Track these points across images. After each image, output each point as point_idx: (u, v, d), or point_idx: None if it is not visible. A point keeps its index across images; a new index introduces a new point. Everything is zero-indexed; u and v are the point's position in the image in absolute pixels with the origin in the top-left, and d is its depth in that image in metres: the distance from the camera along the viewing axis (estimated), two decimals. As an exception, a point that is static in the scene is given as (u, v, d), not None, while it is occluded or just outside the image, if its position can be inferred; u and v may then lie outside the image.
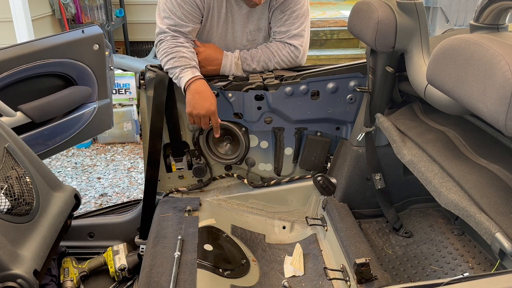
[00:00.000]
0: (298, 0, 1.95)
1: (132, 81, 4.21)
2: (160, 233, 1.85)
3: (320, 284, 1.74)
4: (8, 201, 1.60)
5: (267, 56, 2.00)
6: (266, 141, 2.14)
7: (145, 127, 2.08)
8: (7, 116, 2.03)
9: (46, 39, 2.19)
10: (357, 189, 2.05)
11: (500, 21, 1.29)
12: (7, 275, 1.46)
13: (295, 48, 1.99)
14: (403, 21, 1.66)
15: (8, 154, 1.71)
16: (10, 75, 2.04)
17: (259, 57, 2.00)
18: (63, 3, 4.44)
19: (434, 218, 2.02)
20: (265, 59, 2.00)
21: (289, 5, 1.95)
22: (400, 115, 1.83)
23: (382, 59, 1.80)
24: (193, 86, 1.87)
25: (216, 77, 2.01)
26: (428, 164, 1.49)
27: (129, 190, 3.58)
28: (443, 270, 1.73)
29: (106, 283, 2.05)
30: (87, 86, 2.37)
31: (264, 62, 2.00)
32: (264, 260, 1.96)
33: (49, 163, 3.94)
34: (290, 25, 1.98)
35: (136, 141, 4.35)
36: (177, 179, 2.23)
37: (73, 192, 2.00)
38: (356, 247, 1.74)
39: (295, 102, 2.02)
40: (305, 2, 1.99)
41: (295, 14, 1.96)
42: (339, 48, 5.94)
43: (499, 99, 1.00)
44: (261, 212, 2.20)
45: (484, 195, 1.26)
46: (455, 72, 1.17)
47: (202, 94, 1.87)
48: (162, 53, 1.94)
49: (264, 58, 2.00)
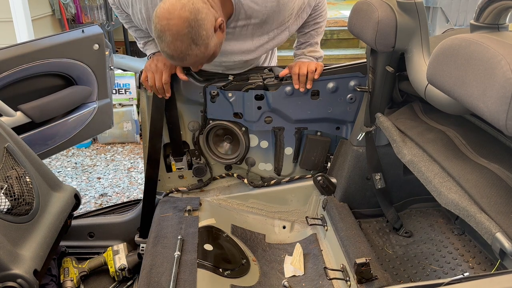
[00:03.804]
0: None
1: (132, 81, 4.21)
2: (160, 233, 1.85)
3: (320, 284, 1.74)
4: (8, 201, 1.60)
5: (316, 31, 1.99)
6: (266, 141, 2.14)
7: (145, 127, 2.08)
8: (7, 116, 2.03)
9: (46, 39, 2.19)
10: (357, 189, 2.05)
11: (501, 21, 1.29)
12: (7, 275, 1.46)
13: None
14: (403, 20, 1.66)
15: (8, 154, 1.71)
16: (10, 75, 2.04)
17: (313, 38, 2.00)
18: (63, 3, 4.44)
19: (434, 218, 2.02)
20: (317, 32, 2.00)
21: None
22: (400, 115, 1.83)
23: (382, 58, 1.80)
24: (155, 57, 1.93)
25: (215, 77, 2.01)
26: (428, 163, 1.49)
27: (129, 190, 3.58)
28: (443, 270, 1.73)
29: (106, 283, 2.05)
30: (87, 86, 2.37)
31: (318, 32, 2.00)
32: (264, 260, 1.96)
33: (49, 163, 3.94)
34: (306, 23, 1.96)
35: (136, 141, 4.35)
36: (177, 179, 2.23)
37: (73, 192, 2.00)
38: (356, 247, 1.74)
39: (295, 101, 2.02)
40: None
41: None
42: (339, 48, 5.95)
43: (499, 98, 1.00)
44: (261, 212, 2.20)
45: (484, 194, 1.26)
46: (455, 71, 1.17)
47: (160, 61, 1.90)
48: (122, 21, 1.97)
49: (314, 33, 1.99)
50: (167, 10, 1.47)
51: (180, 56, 1.54)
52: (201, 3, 1.50)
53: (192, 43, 1.50)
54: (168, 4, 1.48)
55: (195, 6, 1.47)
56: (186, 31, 1.47)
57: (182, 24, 1.46)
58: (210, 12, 1.52)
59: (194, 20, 1.47)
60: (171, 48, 1.51)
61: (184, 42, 1.49)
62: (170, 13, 1.46)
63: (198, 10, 1.48)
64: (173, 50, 1.52)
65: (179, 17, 1.46)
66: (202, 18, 1.48)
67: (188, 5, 1.47)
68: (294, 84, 1.96)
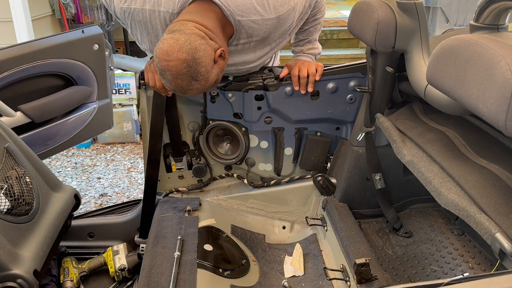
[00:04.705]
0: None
1: (132, 81, 4.21)
2: (160, 233, 1.85)
3: (320, 284, 1.74)
4: (8, 201, 1.60)
5: (314, 28, 2.00)
6: (266, 141, 2.14)
7: (145, 127, 2.08)
8: (7, 116, 2.03)
9: (46, 39, 2.19)
10: (357, 189, 2.05)
11: (500, 21, 1.29)
12: (7, 275, 1.46)
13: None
14: (403, 21, 1.66)
15: (8, 154, 1.71)
16: (10, 75, 2.04)
17: (312, 35, 2.01)
18: (63, 3, 4.44)
19: (434, 218, 2.02)
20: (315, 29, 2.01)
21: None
22: (400, 115, 1.83)
23: (382, 59, 1.80)
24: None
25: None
26: (428, 164, 1.49)
27: (129, 190, 3.58)
28: (443, 270, 1.73)
29: (106, 283, 2.05)
30: (87, 86, 2.37)
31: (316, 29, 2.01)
32: (264, 260, 1.96)
33: (49, 163, 3.94)
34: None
35: (136, 141, 4.35)
36: (177, 179, 2.23)
37: (73, 192, 2.00)
38: (356, 247, 1.74)
39: (295, 102, 2.02)
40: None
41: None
42: (339, 48, 5.94)
43: (499, 99, 1.00)
44: (261, 212, 2.20)
45: (484, 195, 1.26)
46: (455, 72, 1.17)
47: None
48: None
49: (313, 30, 2.00)
50: (166, 52, 1.49)
51: (182, 91, 1.58)
52: (199, 39, 1.51)
53: (192, 79, 1.53)
54: (167, 45, 1.49)
55: (192, 46, 1.49)
56: (185, 70, 1.50)
57: (181, 65, 1.49)
58: (209, 47, 1.54)
59: (192, 60, 1.49)
60: (173, 85, 1.55)
61: (184, 80, 1.52)
62: (168, 55, 1.49)
63: (195, 49, 1.49)
64: (175, 87, 1.56)
65: (177, 59, 1.48)
66: (200, 56, 1.50)
67: (185, 46, 1.48)
68: (294, 86, 1.96)
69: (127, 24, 1.77)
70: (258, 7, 1.64)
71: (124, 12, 1.72)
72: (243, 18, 1.64)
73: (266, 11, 1.66)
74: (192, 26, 1.53)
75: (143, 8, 1.67)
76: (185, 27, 1.52)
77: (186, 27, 1.52)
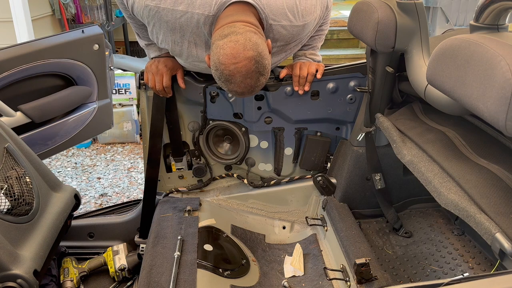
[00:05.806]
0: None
1: (132, 81, 4.21)
2: (160, 233, 1.85)
3: (320, 284, 1.74)
4: (8, 201, 1.60)
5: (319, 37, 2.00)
6: (266, 141, 2.14)
7: (145, 127, 2.08)
8: (7, 116, 2.03)
9: (46, 39, 2.19)
10: (357, 189, 2.05)
11: (500, 21, 1.29)
12: (7, 275, 1.46)
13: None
14: (403, 21, 1.66)
15: (8, 154, 1.71)
16: (10, 75, 2.04)
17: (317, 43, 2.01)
18: (63, 3, 4.44)
19: (434, 218, 2.02)
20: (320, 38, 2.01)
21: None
22: (400, 115, 1.83)
23: (382, 59, 1.80)
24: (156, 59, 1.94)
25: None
26: (428, 164, 1.49)
27: (129, 190, 3.58)
28: (443, 270, 1.73)
29: (106, 283, 2.05)
30: (87, 86, 2.37)
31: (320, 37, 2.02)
32: (264, 260, 1.96)
33: (49, 163, 3.94)
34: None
35: (136, 141, 4.35)
36: (177, 179, 2.23)
37: (73, 192, 2.00)
38: (356, 247, 1.74)
39: (295, 102, 2.02)
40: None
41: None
42: (339, 48, 5.94)
43: (499, 99, 1.00)
44: (261, 212, 2.20)
45: (484, 195, 1.26)
46: (455, 72, 1.17)
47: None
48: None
49: (318, 38, 2.00)
50: (231, 55, 1.48)
51: (250, 91, 1.57)
52: (254, 35, 1.51)
53: (260, 75, 1.53)
54: (229, 49, 1.48)
55: (253, 42, 1.49)
56: (254, 67, 1.50)
57: (250, 63, 1.49)
58: (263, 40, 1.55)
59: (258, 55, 1.50)
60: (242, 86, 1.54)
61: (253, 77, 1.52)
62: (235, 57, 1.48)
63: (257, 44, 1.50)
64: (244, 88, 1.54)
65: (245, 58, 1.48)
66: (262, 50, 1.51)
67: (247, 44, 1.48)
68: (294, 86, 1.96)
69: (148, 22, 1.73)
70: (289, 13, 1.67)
71: (150, 10, 1.66)
72: (275, 23, 1.66)
73: (295, 18, 1.69)
74: (241, 25, 1.53)
75: (174, 8, 1.62)
76: (236, 28, 1.52)
77: (236, 28, 1.52)
